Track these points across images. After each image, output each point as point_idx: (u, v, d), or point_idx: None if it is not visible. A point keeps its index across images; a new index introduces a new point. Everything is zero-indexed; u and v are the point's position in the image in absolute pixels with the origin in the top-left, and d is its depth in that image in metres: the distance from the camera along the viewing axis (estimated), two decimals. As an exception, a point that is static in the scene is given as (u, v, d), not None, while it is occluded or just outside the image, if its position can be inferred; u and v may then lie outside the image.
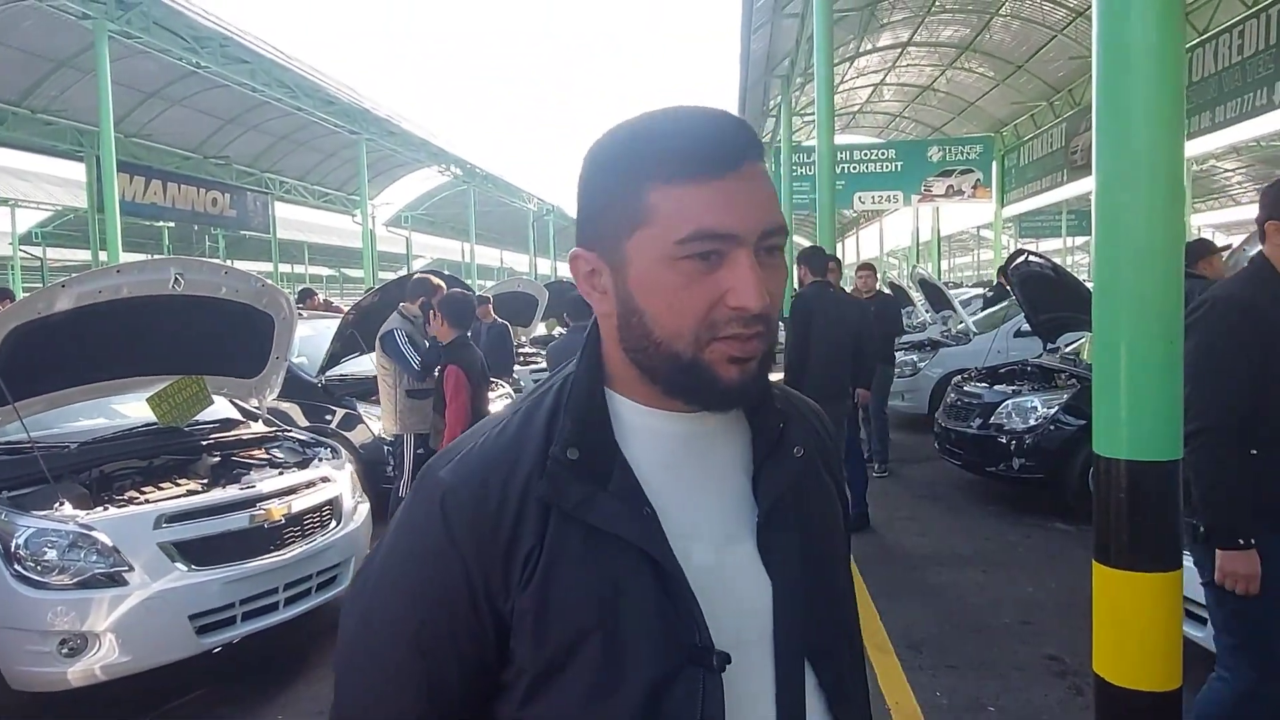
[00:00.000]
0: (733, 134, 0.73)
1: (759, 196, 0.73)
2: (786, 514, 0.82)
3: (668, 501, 0.77)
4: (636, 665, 0.73)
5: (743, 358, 0.74)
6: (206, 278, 4.24)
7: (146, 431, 4.47)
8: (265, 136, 22.88)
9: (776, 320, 0.76)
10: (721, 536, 0.80)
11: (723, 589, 0.77)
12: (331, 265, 47.70)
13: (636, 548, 0.74)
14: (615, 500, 0.75)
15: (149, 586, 3.43)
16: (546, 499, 0.74)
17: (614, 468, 0.76)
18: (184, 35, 14.39)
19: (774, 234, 0.74)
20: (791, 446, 0.84)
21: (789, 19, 13.29)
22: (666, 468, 0.79)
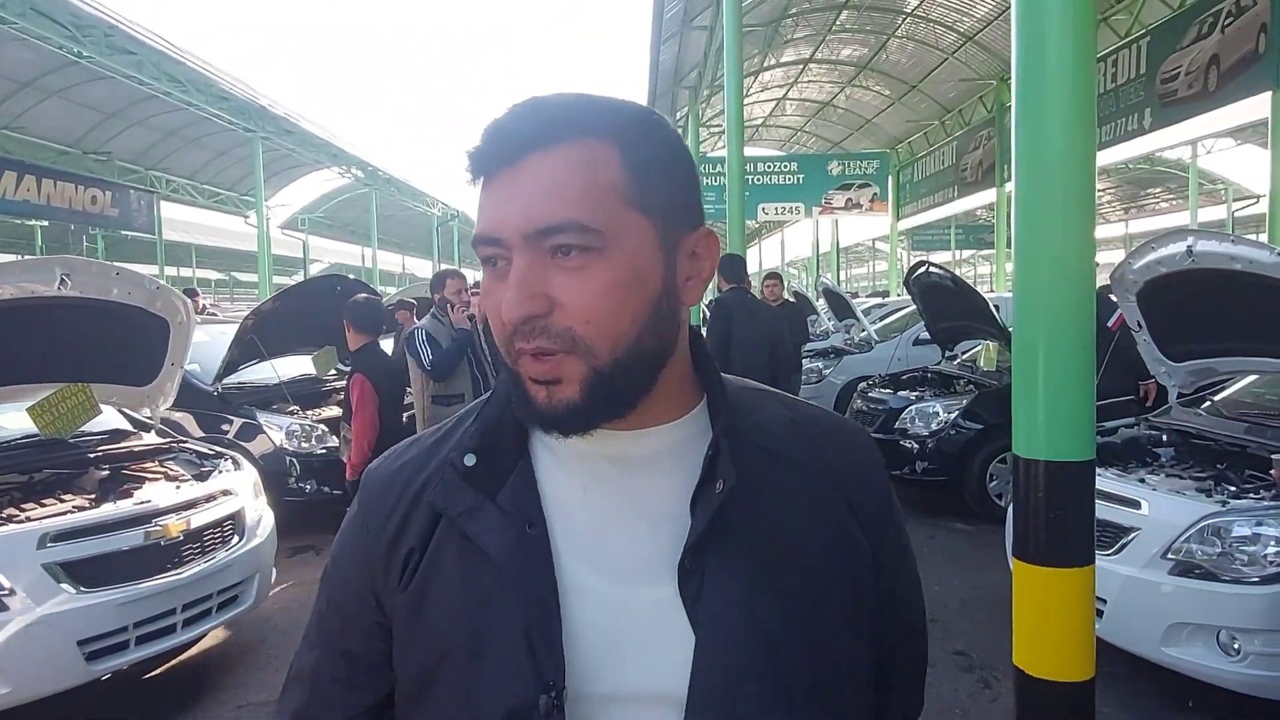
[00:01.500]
0: (516, 125, 0.66)
1: (529, 192, 0.65)
2: (726, 557, 0.70)
3: (578, 526, 0.72)
4: (495, 694, 0.68)
5: (539, 379, 0.67)
6: (96, 279, 3.98)
7: (27, 444, 4.16)
8: (152, 132, 21.74)
9: (589, 337, 0.65)
10: (635, 572, 0.71)
11: (624, 631, 0.70)
12: (221, 269, 45.70)
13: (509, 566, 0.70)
14: (498, 513, 0.71)
15: (32, 611, 3.17)
16: (435, 504, 0.73)
17: (509, 478, 0.73)
18: (64, 23, 13.50)
19: (552, 232, 0.64)
20: (716, 480, 0.70)
21: (698, 31, 13.48)
22: (586, 489, 0.73)
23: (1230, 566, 3.09)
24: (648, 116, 0.71)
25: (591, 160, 0.66)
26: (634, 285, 0.66)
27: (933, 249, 35.03)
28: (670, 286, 0.70)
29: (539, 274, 0.65)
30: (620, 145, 0.67)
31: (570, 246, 0.64)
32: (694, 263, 0.72)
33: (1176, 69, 10.47)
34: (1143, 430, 4.31)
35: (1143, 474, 3.79)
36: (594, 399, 0.67)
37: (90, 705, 3.55)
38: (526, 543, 0.70)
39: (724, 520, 0.69)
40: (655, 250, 0.68)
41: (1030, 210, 2.13)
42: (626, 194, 0.66)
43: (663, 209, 0.68)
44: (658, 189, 0.68)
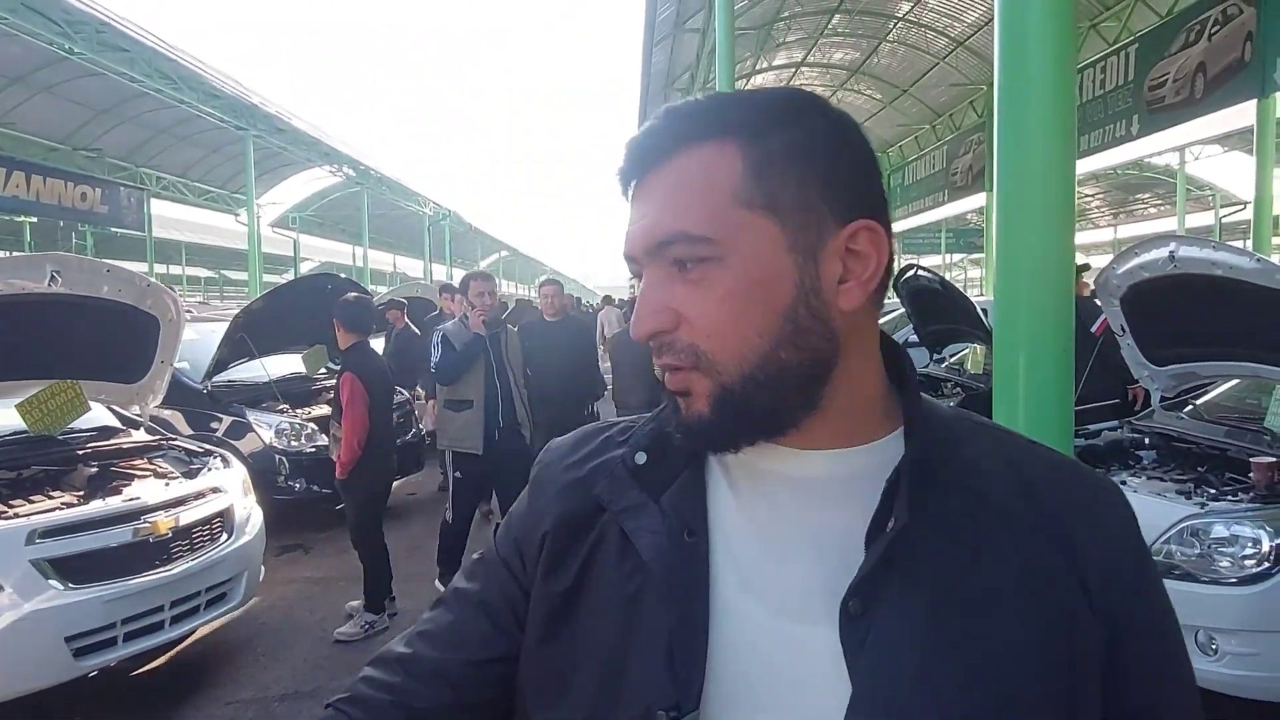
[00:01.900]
0: (644, 140, 0.65)
1: (649, 206, 0.64)
2: (903, 609, 0.61)
3: (739, 544, 0.67)
4: (628, 699, 0.65)
5: (673, 390, 0.66)
6: (86, 277, 4.00)
7: (15, 440, 4.16)
8: (142, 129, 21.66)
9: (712, 352, 0.63)
10: (793, 604, 0.64)
11: (772, 666, 0.63)
12: (211, 266, 45.49)
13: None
14: (658, 515, 0.69)
15: (20, 607, 3.18)
16: (599, 496, 0.72)
17: (674, 481, 0.71)
18: (55, 19, 13.44)
19: (666, 245, 0.63)
20: (890, 517, 0.63)
21: (690, 34, 13.52)
22: (752, 507, 0.68)
23: (1209, 567, 3.13)
24: (790, 103, 0.65)
25: (708, 164, 0.63)
26: (756, 294, 0.62)
27: (923, 252, 35.14)
28: (810, 292, 0.63)
29: (666, 289, 0.64)
30: (744, 142, 0.62)
31: (688, 258, 0.62)
32: (853, 261, 0.64)
33: (1164, 76, 10.56)
34: (1125, 433, 4.37)
35: (1125, 476, 3.84)
36: (724, 415, 0.64)
37: (77, 702, 3.56)
38: (683, 550, 0.67)
39: (901, 565, 0.61)
40: (783, 253, 0.62)
41: (1011, 216, 2.17)
42: (744, 194, 0.62)
43: (796, 206, 0.62)
44: (788, 184, 0.62)
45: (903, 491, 0.62)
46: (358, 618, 4.48)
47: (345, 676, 3.82)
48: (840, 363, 0.65)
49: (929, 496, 0.64)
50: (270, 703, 3.72)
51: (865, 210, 0.64)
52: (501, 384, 4.86)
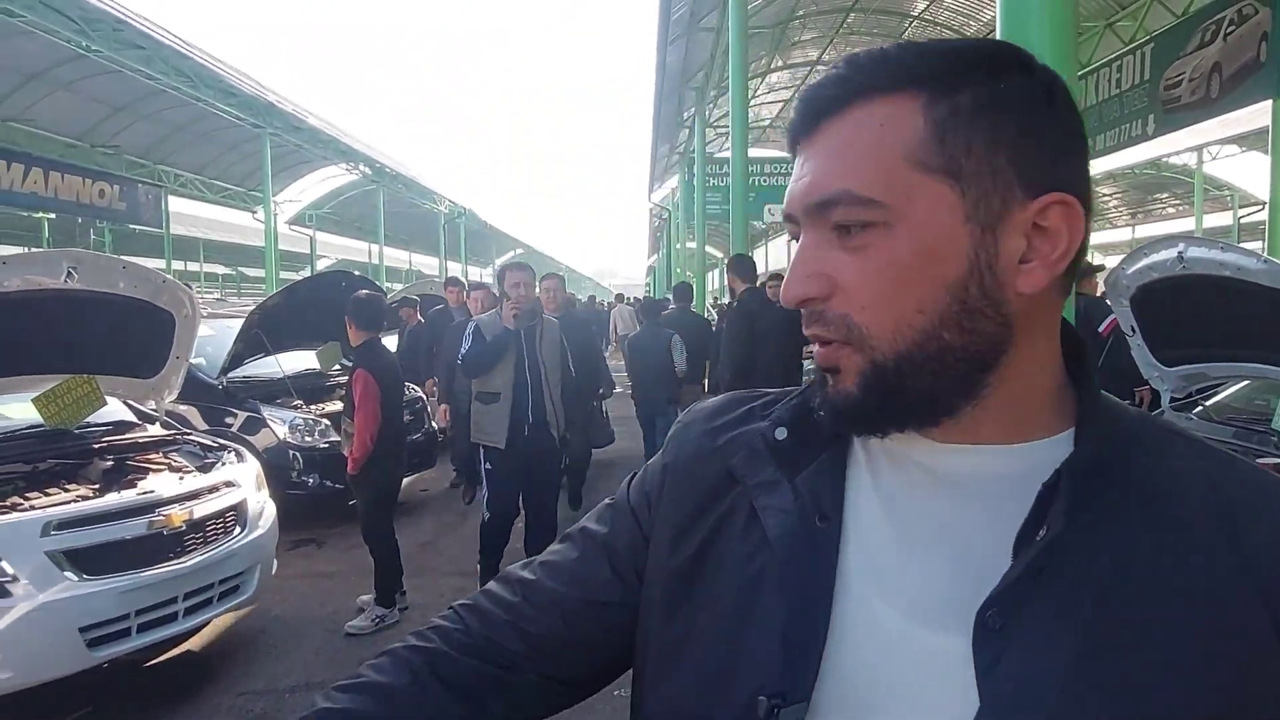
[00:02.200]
0: (818, 91, 0.60)
1: (815, 162, 0.59)
2: (1047, 626, 0.54)
3: (874, 537, 0.63)
4: (741, 678, 0.62)
5: (821, 366, 0.62)
6: (103, 273, 4.04)
7: (32, 434, 4.23)
8: (160, 126, 21.85)
9: (866, 325, 0.58)
10: (925, 608, 0.59)
11: (894, 670, 0.58)
12: (229, 264, 45.83)
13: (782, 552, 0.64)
14: (791, 495, 0.65)
15: (35, 598, 3.23)
16: (734, 469, 0.70)
17: (814, 461, 0.67)
18: (73, 16, 13.59)
19: (828, 205, 0.58)
20: (1043, 524, 0.56)
21: (704, 32, 13.53)
22: (894, 500, 0.64)
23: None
24: (987, 56, 0.58)
25: (885, 119, 0.57)
26: (924, 265, 0.57)
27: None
28: (985, 268, 0.57)
29: (822, 253, 0.60)
30: (929, 96, 0.57)
31: (851, 223, 0.58)
32: (1039, 239, 0.57)
33: (1180, 75, 10.47)
34: None
35: None
36: (873, 396, 0.59)
37: (92, 692, 3.62)
38: (813, 535, 0.63)
39: (1052, 579, 0.55)
40: (959, 223, 0.56)
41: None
42: (920, 154, 0.56)
43: (980, 172, 0.56)
44: (972, 146, 0.56)
45: (1060, 496, 0.55)
46: (368, 611, 4.53)
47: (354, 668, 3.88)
48: (1011, 350, 0.58)
49: (1096, 506, 0.56)
50: (282, 694, 3.77)
51: (1062, 184, 0.57)
52: (532, 379, 4.71)
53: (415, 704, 0.73)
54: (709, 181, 17.36)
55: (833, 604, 0.61)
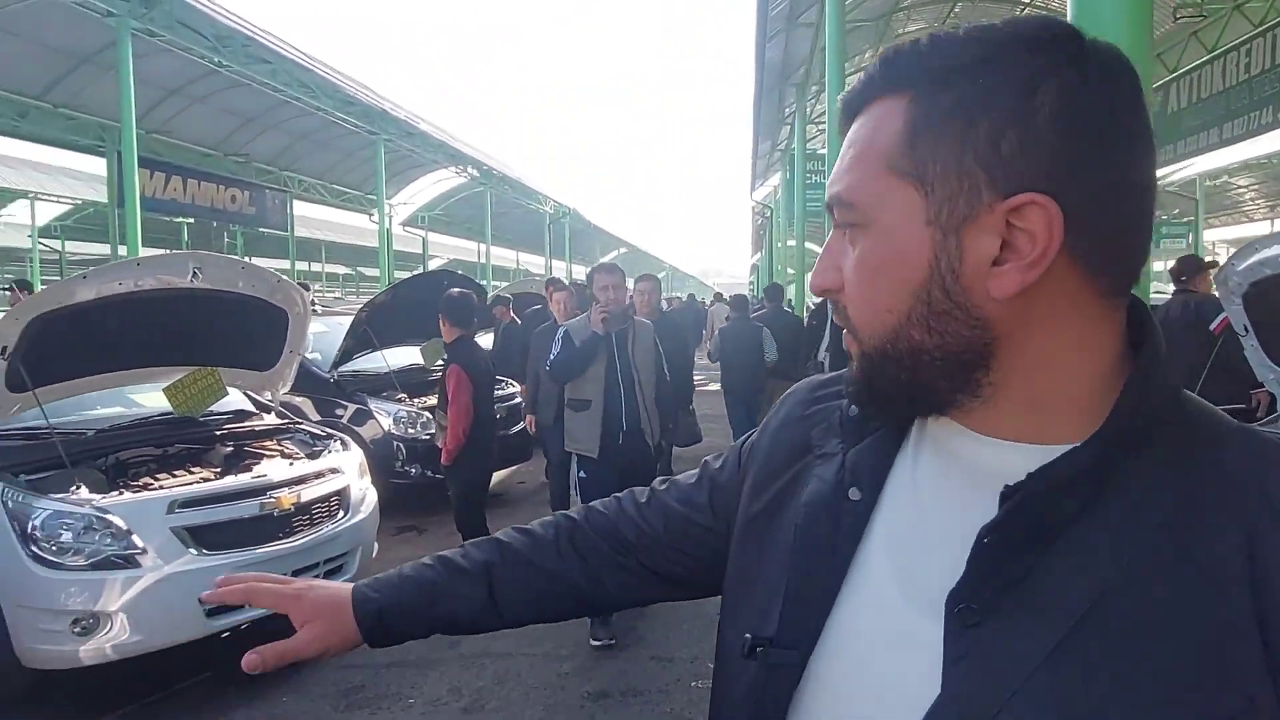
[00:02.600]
0: (845, 94, 0.63)
1: (843, 161, 0.61)
2: (1018, 630, 0.55)
3: (901, 519, 0.65)
4: (749, 619, 0.70)
5: (848, 350, 0.66)
6: (224, 272, 4.36)
7: (162, 420, 4.59)
8: (285, 135, 23.11)
9: (854, 318, 0.63)
10: (919, 595, 0.60)
11: (875, 647, 0.61)
12: (348, 264, 48.03)
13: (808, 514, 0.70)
14: (837, 467, 0.70)
15: (161, 569, 3.53)
16: (810, 436, 0.75)
17: (870, 436, 0.69)
18: (206, 34, 14.58)
19: (830, 207, 0.63)
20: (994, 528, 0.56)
21: (804, 28, 13.36)
22: (923, 487, 0.65)
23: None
24: (994, 43, 0.55)
25: (877, 122, 0.59)
26: (890, 267, 0.58)
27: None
28: (946, 272, 0.56)
29: (838, 248, 0.63)
30: (913, 97, 0.56)
31: (843, 223, 0.62)
32: (1020, 239, 0.54)
33: (1317, 57, 9.71)
34: None
35: None
36: (866, 383, 0.63)
37: (210, 658, 3.91)
38: (841, 505, 0.67)
39: (1035, 586, 0.55)
40: (919, 226, 0.56)
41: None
42: (895, 159, 0.57)
43: (944, 173, 0.55)
44: (940, 147, 0.55)
45: (1023, 501, 0.55)
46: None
47: (448, 649, 4.08)
48: (1002, 351, 0.57)
49: (1096, 512, 0.55)
50: (378, 668, 3.98)
51: (1050, 183, 0.53)
52: (624, 385, 4.48)
53: (552, 558, 0.95)
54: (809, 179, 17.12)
55: (848, 571, 0.65)
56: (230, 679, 3.88)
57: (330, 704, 3.65)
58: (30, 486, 3.60)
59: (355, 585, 0.94)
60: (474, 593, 0.93)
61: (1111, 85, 0.55)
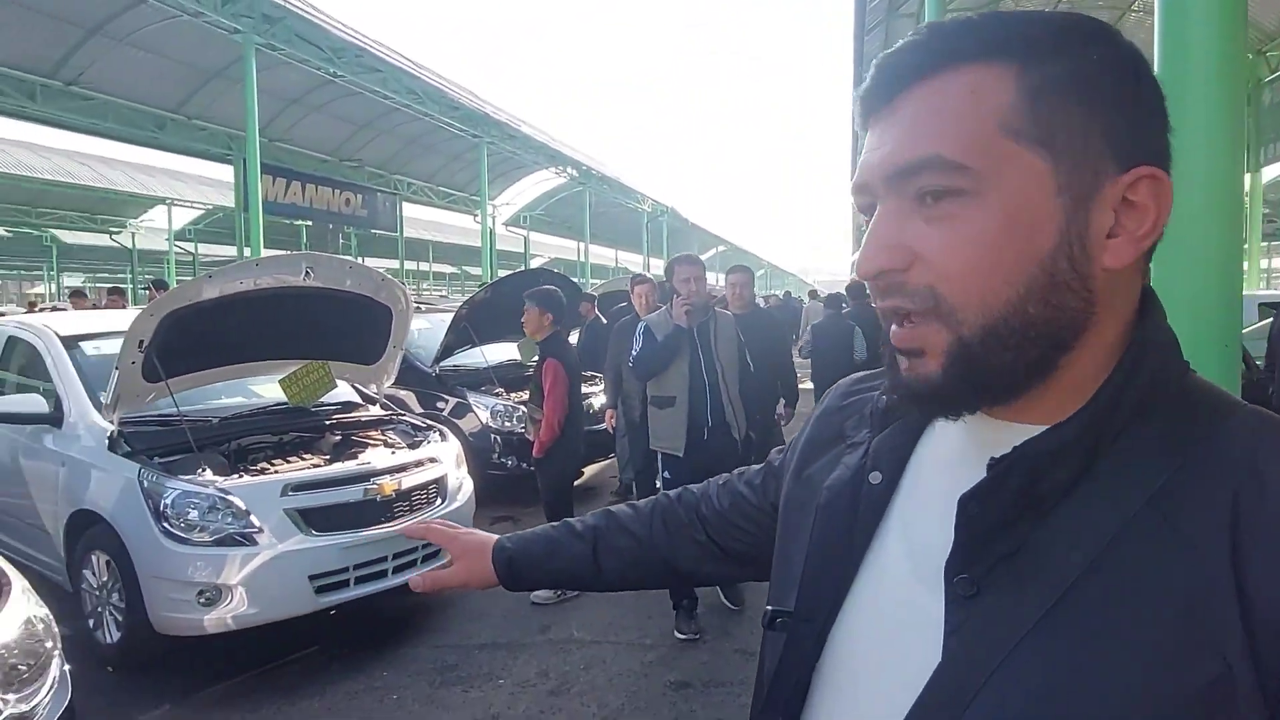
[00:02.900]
0: (898, 58, 0.59)
1: (898, 130, 0.57)
2: (1004, 600, 0.56)
3: (921, 502, 0.67)
4: (774, 593, 0.76)
5: (899, 348, 0.60)
6: (333, 272, 4.63)
7: (278, 410, 4.91)
8: (395, 140, 24.10)
9: (952, 297, 0.56)
10: (928, 572, 0.61)
11: (887, 621, 0.65)
12: (454, 263, 49.55)
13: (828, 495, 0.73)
14: (863, 454, 0.72)
15: (275, 547, 3.80)
16: (844, 427, 0.79)
17: (892, 425, 0.72)
18: (323, 46, 15.40)
19: (913, 171, 0.56)
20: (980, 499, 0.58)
21: (904, 19, 13.09)
22: (947, 469, 0.66)
23: None
24: (1077, 28, 0.57)
25: (975, 86, 0.55)
26: (1013, 237, 0.55)
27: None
28: (1073, 243, 0.55)
29: (901, 223, 0.58)
30: (1021, 65, 0.55)
31: (937, 190, 0.56)
32: (1127, 214, 0.56)
33: None
34: None
35: None
36: (957, 375, 0.58)
37: (317, 634, 4.19)
38: (860, 490, 0.69)
39: (1027, 557, 0.57)
40: (1049, 195, 0.55)
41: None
42: (1013, 123, 0.55)
43: (1071, 143, 0.55)
44: (1067, 117, 0.55)
45: (1008, 471, 0.57)
46: (554, 585, 4.88)
47: (538, 634, 4.24)
48: (1089, 330, 0.58)
49: (1085, 486, 0.57)
50: (472, 650, 4.17)
51: (1149, 158, 0.56)
52: (709, 379, 4.36)
53: (645, 528, 1.06)
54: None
55: (867, 550, 0.67)
56: (335, 654, 4.14)
57: (426, 680, 3.86)
58: (162, 469, 3.92)
59: (498, 537, 1.10)
60: (582, 551, 1.05)
61: (1155, 78, 0.60)
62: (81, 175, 24.13)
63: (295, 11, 13.64)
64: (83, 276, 43.18)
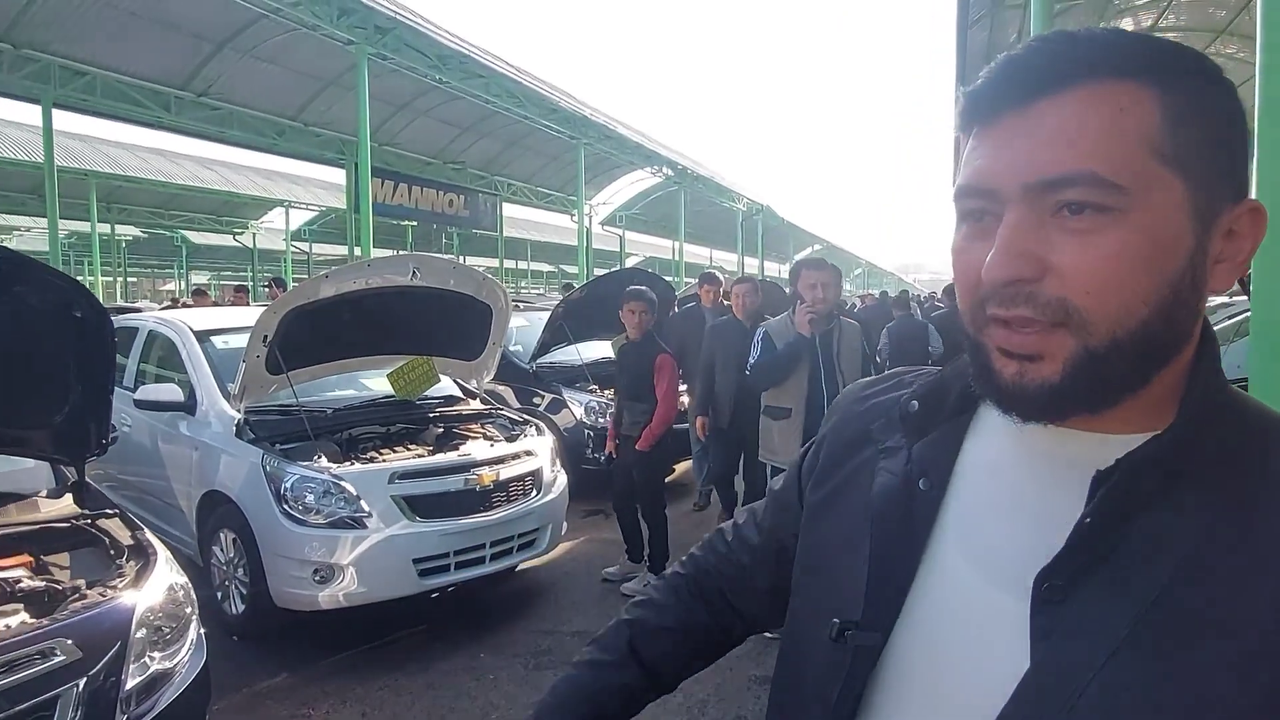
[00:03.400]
0: (1032, 62, 0.58)
1: (1039, 138, 0.57)
2: (1107, 606, 0.57)
3: (976, 505, 0.68)
4: (825, 604, 0.73)
5: (1013, 351, 0.59)
6: (438, 272, 4.89)
7: (385, 403, 5.20)
8: (495, 142, 24.74)
9: (1088, 309, 0.57)
10: (1002, 575, 0.63)
11: (960, 625, 0.64)
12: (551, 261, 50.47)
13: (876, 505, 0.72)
14: (905, 459, 0.73)
15: (383, 531, 4.05)
16: (871, 431, 0.78)
17: (934, 430, 0.73)
18: (429, 54, 15.98)
19: (1062, 184, 0.56)
20: (1089, 512, 0.58)
21: (1011, 10, 12.68)
22: (1007, 475, 0.67)
23: None
24: (1197, 60, 0.59)
25: (1121, 103, 0.56)
26: (1154, 256, 0.56)
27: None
28: (1196, 266, 0.58)
29: (1034, 232, 0.57)
30: (1160, 88, 0.57)
31: (1082, 204, 0.56)
32: (1230, 243, 0.59)
33: None
34: None
35: None
36: (1077, 382, 0.58)
37: (420, 615, 4.43)
38: (912, 496, 0.70)
39: (1118, 564, 0.58)
40: (1186, 219, 0.57)
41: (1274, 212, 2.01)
42: (1161, 146, 0.56)
43: (1203, 171, 0.57)
44: (1200, 146, 0.57)
45: (1114, 484, 0.58)
46: (641, 576, 5.02)
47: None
48: (1185, 348, 0.60)
49: (1169, 500, 0.58)
50: (564, 635, 4.34)
51: (1245, 191, 0.60)
52: (829, 391, 4.13)
53: (680, 612, 0.97)
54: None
55: (923, 556, 0.68)
56: (437, 634, 4.37)
57: (521, 663, 4.04)
58: (282, 455, 4.23)
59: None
60: (630, 678, 0.93)
61: None
62: (210, 180, 25.77)
63: (405, 22, 14.21)
64: (208, 274, 46.00)
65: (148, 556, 2.64)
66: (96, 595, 2.35)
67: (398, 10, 13.96)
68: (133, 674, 2.28)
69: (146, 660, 2.35)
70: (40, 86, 13.86)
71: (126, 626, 2.31)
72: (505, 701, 3.67)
